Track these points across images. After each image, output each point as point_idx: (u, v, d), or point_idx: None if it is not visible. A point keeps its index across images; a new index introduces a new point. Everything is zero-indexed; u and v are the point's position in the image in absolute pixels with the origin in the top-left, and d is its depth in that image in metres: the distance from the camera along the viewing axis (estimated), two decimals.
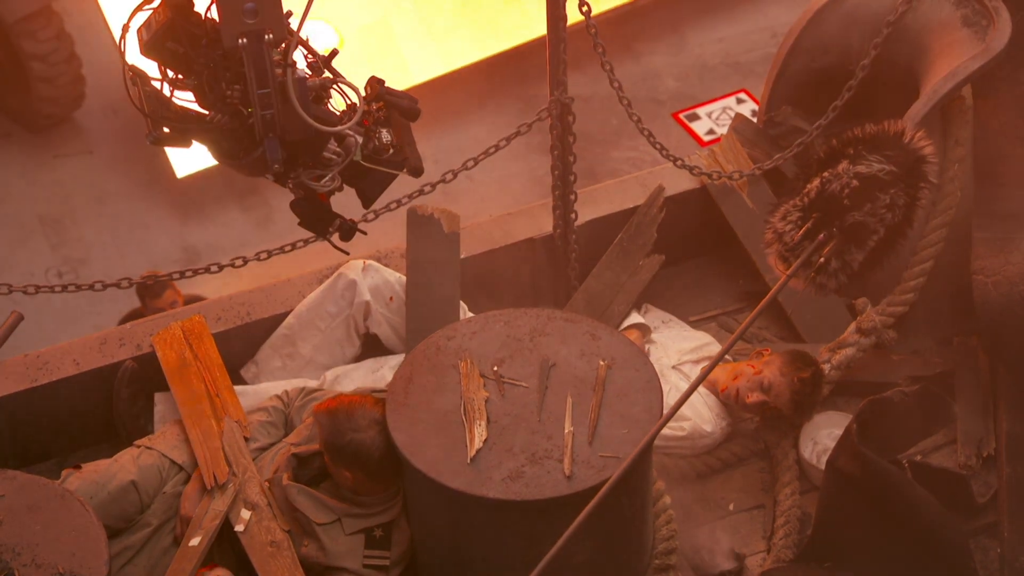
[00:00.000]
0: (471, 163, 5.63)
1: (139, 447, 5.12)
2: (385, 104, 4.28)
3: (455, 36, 10.31)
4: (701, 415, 5.49)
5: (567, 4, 5.37)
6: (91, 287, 5.28)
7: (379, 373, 5.54)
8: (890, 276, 5.86)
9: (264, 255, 5.46)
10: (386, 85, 4.32)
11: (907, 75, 5.87)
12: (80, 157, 10.40)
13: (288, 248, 5.37)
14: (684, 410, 5.44)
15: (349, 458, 4.70)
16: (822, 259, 4.80)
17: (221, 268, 5.41)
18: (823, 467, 5.24)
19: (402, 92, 4.33)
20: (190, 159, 9.34)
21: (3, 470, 4.72)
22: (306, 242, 5.24)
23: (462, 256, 5.88)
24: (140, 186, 10.22)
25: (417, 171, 4.34)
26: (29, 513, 4.47)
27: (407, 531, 4.85)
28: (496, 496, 4.47)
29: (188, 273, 5.46)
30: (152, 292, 7.66)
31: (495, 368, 4.81)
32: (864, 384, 5.73)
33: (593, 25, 5.45)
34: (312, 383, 5.50)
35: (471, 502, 4.49)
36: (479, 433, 4.62)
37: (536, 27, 10.06)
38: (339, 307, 5.68)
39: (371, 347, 5.81)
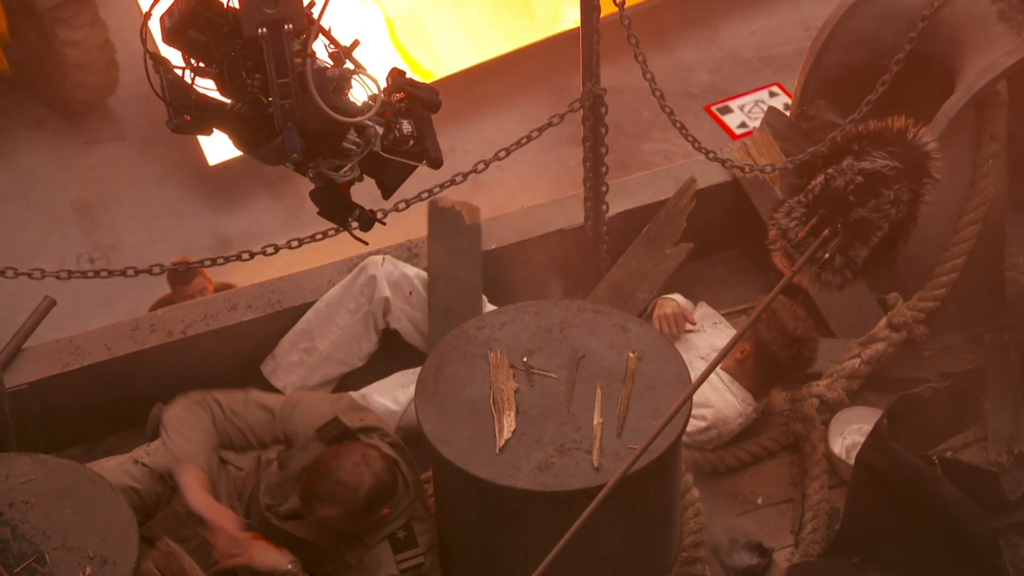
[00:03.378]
0: (503, 153, 5.63)
1: None
2: (406, 95, 4.28)
3: (488, 27, 10.29)
4: (725, 399, 5.48)
5: None
6: (123, 273, 5.30)
7: (410, 389, 5.51)
8: (922, 271, 5.84)
9: (295, 243, 5.47)
10: (407, 76, 4.31)
11: (942, 70, 5.84)
12: (113, 144, 10.43)
13: (319, 236, 5.38)
14: (709, 396, 5.43)
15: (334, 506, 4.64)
16: (827, 255, 4.78)
17: (252, 256, 5.42)
18: (852, 462, 5.22)
19: (423, 83, 4.32)
20: (222, 147, 9.34)
21: (34, 454, 4.74)
22: (336, 231, 5.24)
23: (492, 247, 5.88)
24: (172, 173, 10.24)
25: (437, 163, 4.34)
26: (60, 497, 4.48)
27: (427, 519, 4.84)
28: (524, 487, 4.47)
29: (219, 260, 5.47)
30: (183, 279, 7.67)
31: (524, 359, 4.81)
32: (894, 380, 5.71)
33: (627, 16, 5.44)
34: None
35: (499, 492, 4.48)
36: (508, 424, 4.61)
37: (568, 18, 10.05)
38: (358, 303, 5.69)
39: (389, 343, 5.81)
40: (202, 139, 9.32)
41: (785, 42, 10.78)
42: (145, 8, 4.11)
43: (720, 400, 5.48)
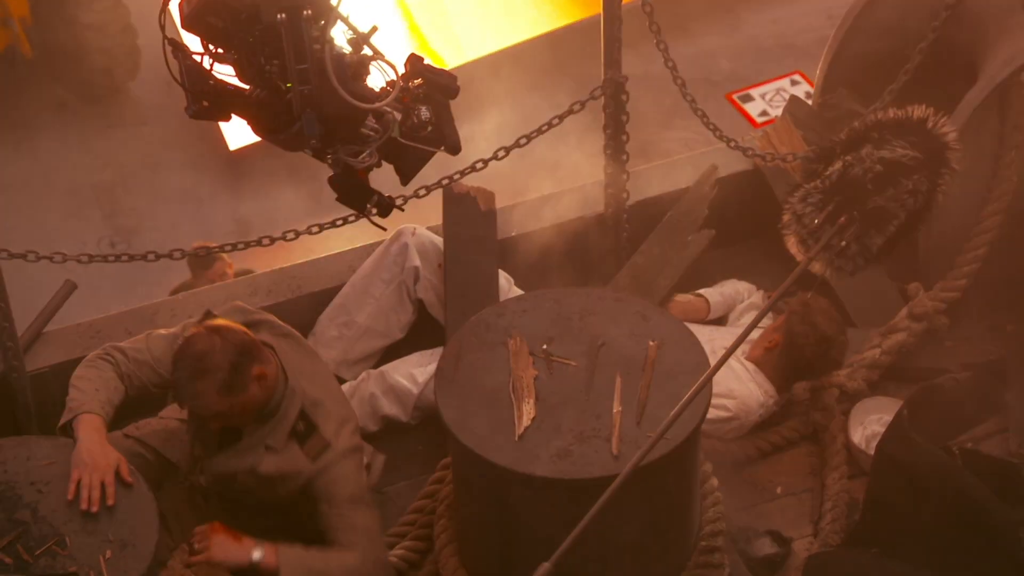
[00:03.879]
0: (523, 140, 5.63)
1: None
2: (424, 81, 4.27)
3: (508, 14, 10.28)
4: (748, 388, 5.47)
5: None
6: (143, 257, 5.31)
7: (429, 368, 5.53)
8: (944, 261, 5.82)
9: (315, 229, 5.47)
10: (426, 62, 4.31)
11: (965, 59, 5.81)
12: (134, 128, 10.46)
13: (339, 222, 5.38)
14: (732, 385, 5.42)
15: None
16: (843, 243, 4.77)
17: (272, 241, 5.42)
18: (872, 452, 5.21)
19: (441, 69, 4.31)
20: (243, 132, 9.34)
21: (55, 437, 4.75)
22: (356, 217, 5.23)
23: (512, 234, 5.88)
24: (193, 157, 10.27)
25: (455, 149, 4.33)
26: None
27: (327, 405, 4.82)
28: (543, 474, 4.46)
29: (239, 245, 5.48)
30: (203, 263, 7.70)
31: (544, 346, 4.80)
32: (915, 370, 5.70)
33: (649, 4, 5.42)
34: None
35: (518, 480, 4.48)
36: (527, 411, 4.61)
37: (590, 5, 10.03)
38: (392, 273, 5.70)
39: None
40: (223, 124, 9.33)
41: (807, 30, 10.75)
42: None
43: (743, 389, 5.48)
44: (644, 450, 4.38)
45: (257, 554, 4.65)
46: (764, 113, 9.86)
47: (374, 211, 4.40)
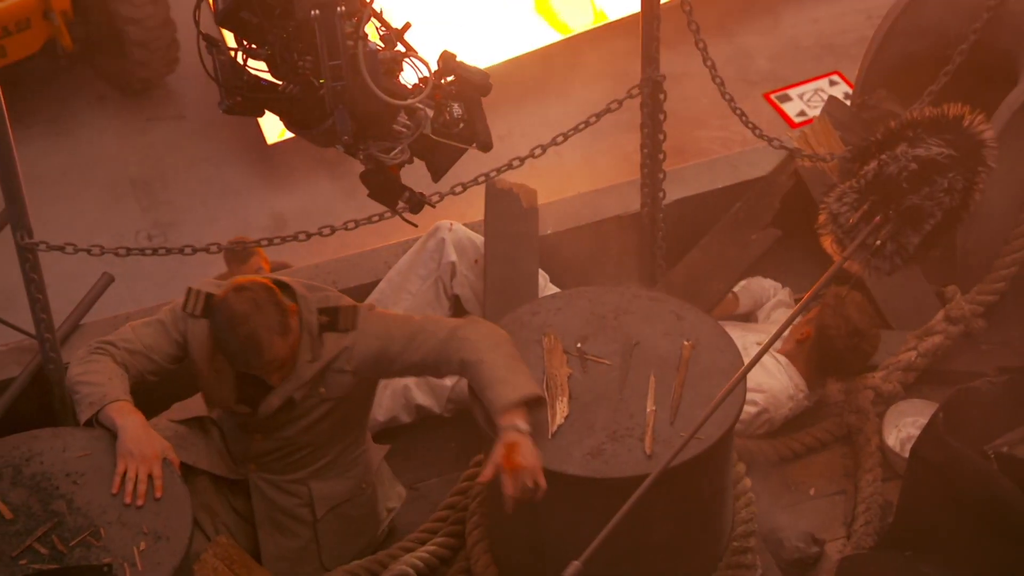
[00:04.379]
0: (560, 139, 5.62)
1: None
2: (457, 79, 4.27)
3: (546, 11, 10.27)
4: (778, 380, 5.46)
5: None
6: (180, 251, 5.33)
7: None
8: (982, 265, 5.79)
9: (352, 225, 5.48)
10: (458, 60, 4.31)
11: (1006, 61, 5.78)
12: (173, 121, 10.48)
13: (375, 219, 5.38)
14: (762, 380, 5.40)
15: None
16: (879, 242, 4.75)
17: (309, 236, 5.43)
18: (907, 455, 5.18)
19: (473, 66, 4.31)
20: (281, 126, 9.37)
21: (90, 429, 4.78)
22: (392, 213, 5.24)
23: (548, 232, 5.88)
24: (230, 152, 10.29)
25: (486, 146, 4.34)
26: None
27: (329, 291, 4.82)
28: (576, 472, 4.46)
29: (276, 240, 5.49)
30: (239, 258, 7.69)
31: (578, 345, 4.80)
32: (951, 373, 5.67)
33: (688, 2, 5.41)
34: None
35: (551, 478, 4.48)
36: (561, 409, 4.61)
37: (627, 4, 10.01)
38: (428, 269, 5.70)
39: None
40: (261, 120, 9.37)
41: (847, 30, 10.69)
42: None
43: (772, 382, 5.46)
44: (676, 450, 4.37)
45: (523, 426, 4.50)
46: (802, 113, 9.80)
47: (405, 208, 4.41)
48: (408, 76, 4.23)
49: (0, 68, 9.63)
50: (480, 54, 9.77)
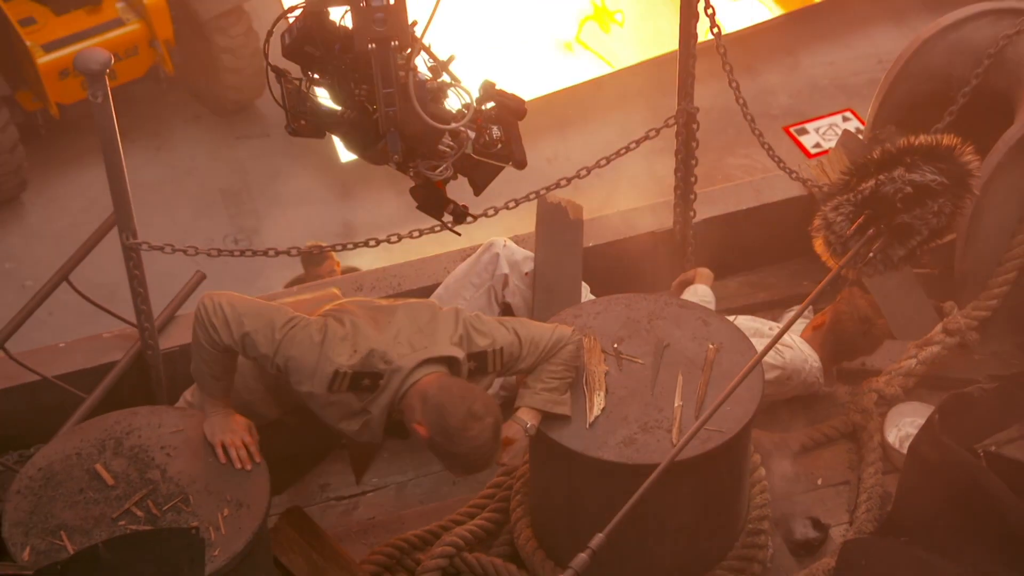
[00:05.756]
0: (603, 161, 5.63)
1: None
2: (496, 105, 4.29)
3: (592, 48, 10.30)
4: (793, 348, 5.44)
5: (698, 25, 5.36)
6: (264, 253, 5.37)
7: None
8: (977, 284, 5.77)
9: (416, 233, 5.50)
10: (497, 88, 4.34)
11: (1004, 101, 5.75)
12: (258, 139, 10.57)
13: (437, 229, 5.40)
14: (782, 349, 5.39)
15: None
16: (871, 254, 4.76)
17: (378, 243, 5.46)
18: (905, 451, 5.16)
19: (511, 93, 4.33)
20: None
21: (182, 408, 4.82)
22: (453, 223, 5.26)
23: (590, 244, 5.88)
24: (308, 167, 10.36)
25: (521, 164, 4.34)
26: (204, 447, 4.55)
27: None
28: (610, 459, 4.47)
29: (348, 246, 5.52)
30: (315, 261, 7.75)
31: (615, 345, 4.80)
32: (947, 379, 5.64)
33: (723, 46, 5.41)
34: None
35: (588, 463, 4.49)
36: (598, 402, 4.61)
37: (665, 43, 10.01)
38: (481, 279, 5.70)
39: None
40: (334, 138, 9.43)
41: (859, 72, 10.68)
42: (280, 24, 4.19)
43: (789, 352, 5.45)
44: (690, 434, 4.38)
45: (532, 426, 4.54)
46: (817, 145, 9.78)
47: (450, 219, 4.43)
48: (453, 102, 4.25)
49: (111, 89, 9.75)
50: (529, 86, 9.81)
